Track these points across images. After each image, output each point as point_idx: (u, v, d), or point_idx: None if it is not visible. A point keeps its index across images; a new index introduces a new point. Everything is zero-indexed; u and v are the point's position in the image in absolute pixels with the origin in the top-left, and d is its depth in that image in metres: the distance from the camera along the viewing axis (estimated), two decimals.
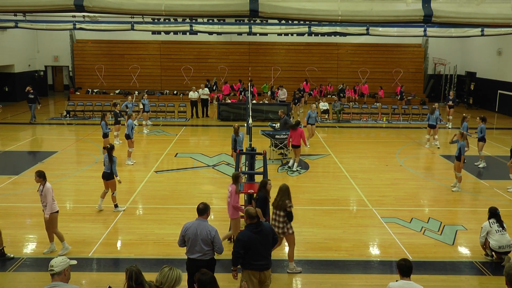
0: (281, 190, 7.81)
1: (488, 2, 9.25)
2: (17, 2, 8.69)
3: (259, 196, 8.16)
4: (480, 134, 14.48)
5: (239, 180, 8.47)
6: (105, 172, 10.62)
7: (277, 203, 7.80)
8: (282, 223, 7.83)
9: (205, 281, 4.87)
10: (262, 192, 8.12)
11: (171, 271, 4.77)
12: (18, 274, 7.89)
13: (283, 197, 7.74)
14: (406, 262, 5.55)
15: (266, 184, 8.13)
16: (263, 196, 8.10)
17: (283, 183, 7.97)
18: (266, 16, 8.54)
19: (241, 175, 8.54)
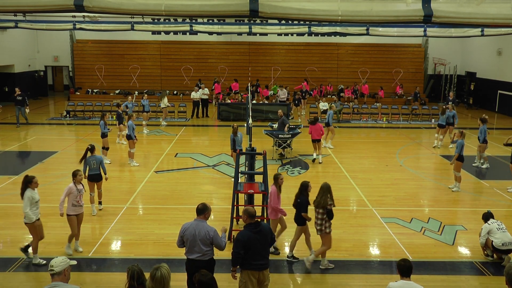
0: (322, 189, 7.92)
1: (488, 2, 9.24)
2: (17, 2, 8.69)
3: (301, 200, 8.19)
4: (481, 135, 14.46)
5: (279, 181, 8.44)
6: (94, 174, 10.55)
7: (318, 202, 7.87)
8: (320, 220, 7.88)
9: (205, 282, 4.87)
10: (304, 195, 8.18)
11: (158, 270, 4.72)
12: (18, 274, 7.89)
13: (324, 196, 7.82)
14: (406, 262, 5.55)
15: (307, 187, 8.22)
16: (305, 200, 8.16)
17: (325, 182, 8.07)
18: (266, 16, 8.54)
19: (281, 176, 8.52)
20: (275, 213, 8.50)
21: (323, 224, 7.89)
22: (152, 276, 4.69)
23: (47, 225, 9.94)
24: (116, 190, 12.16)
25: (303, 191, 8.21)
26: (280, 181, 8.45)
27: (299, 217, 8.23)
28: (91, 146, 10.63)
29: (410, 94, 29.42)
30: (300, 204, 8.16)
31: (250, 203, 9.65)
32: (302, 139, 17.77)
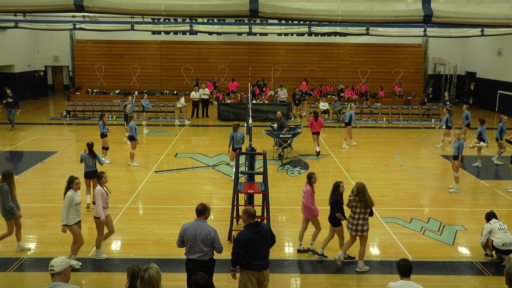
0: (358, 188, 7.90)
1: (488, 2, 9.25)
2: (17, 2, 8.69)
3: (333, 199, 8.23)
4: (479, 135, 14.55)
5: (313, 180, 8.49)
6: (90, 171, 10.70)
7: (365, 202, 7.84)
8: (365, 220, 7.89)
9: (202, 285, 4.86)
10: (336, 195, 8.21)
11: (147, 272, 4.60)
12: (18, 274, 7.89)
13: (365, 195, 7.82)
14: (406, 262, 5.55)
15: (339, 187, 8.25)
16: (337, 200, 8.19)
17: (359, 182, 8.05)
18: (266, 16, 8.54)
19: (315, 175, 8.57)
20: (309, 212, 8.54)
21: (365, 224, 7.93)
22: (141, 278, 4.61)
23: (47, 225, 9.98)
24: (116, 190, 12.15)
25: (335, 191, 8.25)
26: (314, 180, 8.52)
27: (333, 218, 8.28)
28: (90, 143, 10.74)
29: (410, 94, 29.43)
30: (333, 205, 8.21)
31: (250, 203, 9.65)
32: (302, 139, 17.78)
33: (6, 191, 8.32)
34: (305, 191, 8.51)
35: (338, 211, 8.17)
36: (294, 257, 8.66)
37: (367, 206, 7.84)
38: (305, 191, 8.53)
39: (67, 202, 7.81)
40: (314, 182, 8.53)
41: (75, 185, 7.90)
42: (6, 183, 8.38)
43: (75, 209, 7.92)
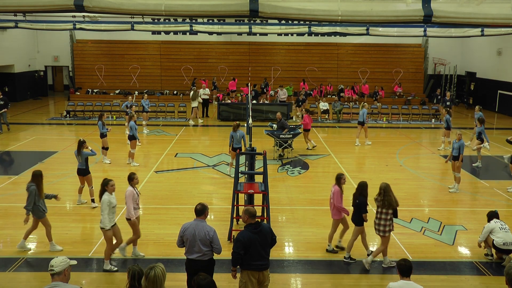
0: (382, 188, 7.97)
1: (488, 2, 9.25)
2: (17, 2, 8.68)
3: (360, 200, 8.26)
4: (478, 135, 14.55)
5: (342, 181, 8.49)
6: (80, 169, 10.85)
7: (387, 202, 7.88)
8: (388, 221, 7.92)
9: (204, 285, 4.86)
10: (363, 196, 8.26)
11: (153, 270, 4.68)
12: (18, 274, 7.89)
13: (389, 195, 7.86)
14: (406, 262, 5.56)
15: (366, 187, 8.30)
16: (364, 201, 8.24)
17: (383, 182, 8.10)
18: (266, 16, 8.54)
19: (343, 176, 8.58)
20: (339, 213, 8.56)
21: (390, 224, 7.94)
22: (146, 275, 4.68)
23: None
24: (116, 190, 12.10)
25: (362, 191, 8.28)
26: (343, 181, 8.54)
27: (357, 218, 8.28)
28: (81, 140, 10.81)
29: (410, 94, 29.43)
30: (359, 205, 8.22)
31: (250, 203, 9.65)
32: (302, 139, 17.78)
33: (33, 191, 8.37)
34: (334, 192, 8.51)
35: (365, 211, 8.22)
36: (294, 257, 8.66)
37: (390, 206, 7.87)
38: (333, 192, 8.53)
39: (105, 206, 7.71)
40: (343, 183, 8.55)
41: (110, 187, 7.81)
42: (34, 184, 8.44)
43: (112, 212, 7.84)
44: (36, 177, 8.48)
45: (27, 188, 8.44)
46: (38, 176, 8.50)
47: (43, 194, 8.57)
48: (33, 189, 8.37)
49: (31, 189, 8.38)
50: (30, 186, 8.42)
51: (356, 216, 8.31)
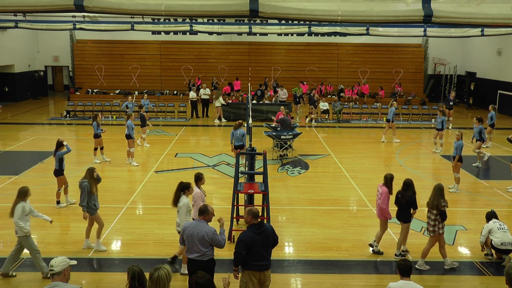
0: (435, 189, 7.99)
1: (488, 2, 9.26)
2: (17, 2, 8.69)
3: (410, 198, 8.34)
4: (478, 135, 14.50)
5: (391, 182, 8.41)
6: (54, 169, 10.80)
7: (431, 202, 7.94)
8: (433, 221, 7.95)
9: (202, 284, 4.86)
10: (411, 192, 8.36)
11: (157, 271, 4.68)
12: (18, 274, 7.88)
13: (437, 196, 7.90)
14: (406, 262, 5.56)
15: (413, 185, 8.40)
16: (413, 198, 8.33)
17: (438, 183, 8.12)
18: (266, 16, 8.55)
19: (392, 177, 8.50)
20: (383, 214, 8.46)
21: (436, 225, 7.95)
22: (150, 276, 4.69)
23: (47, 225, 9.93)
24: (116, 190, 12.17)
25: (410, 188, 8.37)
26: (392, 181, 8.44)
27: (404, 215, 8.37)
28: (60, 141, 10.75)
29: (410, 94, 29.43)
30: (410, 201, 8.32)
31: (250, 203, 9.65)
32: (303, 139, 17.80)
33: (85, 187, 8.40)
34: (381, 193, 8.38)
35: (415, 207, 8.36)
36: (294, 257, 8.66)
37: (434, 207, 7.91)
38: (381, 193, 8.40)
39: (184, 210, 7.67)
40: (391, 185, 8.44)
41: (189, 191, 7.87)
42: (87, 180, 8.47)
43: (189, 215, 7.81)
44: (90, 173, 8.54)
45: (80, 184, 8.49)
46: (92, 172, 8.55)
47: (95, 190, 8.58)
48: (86, 185, 8.41)
49: (84, 185, 8.42)
50: (82, 182, 8.46)
51: (403, 213, 8.37)
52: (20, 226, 7.55)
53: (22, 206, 7.59)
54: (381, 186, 8.51)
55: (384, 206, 8.33)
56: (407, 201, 8.33)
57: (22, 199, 7.64)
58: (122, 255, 8.67)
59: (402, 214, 8.41)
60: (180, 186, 7.90)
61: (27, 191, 7.72)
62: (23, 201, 7.65)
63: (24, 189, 7.71)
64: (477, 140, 14.73)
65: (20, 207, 7.56)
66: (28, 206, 7.72)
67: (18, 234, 7.66)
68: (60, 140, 10.77)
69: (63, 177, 10.87)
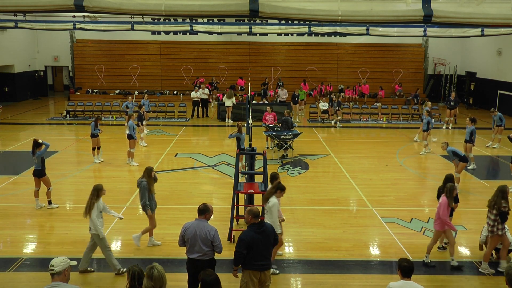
0: (497, 190, 7.99)
1: (488, 2, 9.24)
2: (17, 2, 8.69)
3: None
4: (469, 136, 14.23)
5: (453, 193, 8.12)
6: (36, 170, 10.69)
7: (492, 202, 7.94)
8: (493, 221, 7.93)
9: (209, 282, 4.88)
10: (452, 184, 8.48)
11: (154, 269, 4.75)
12: (18, 274, 7.88)
13: (498, 198, 7.90)
14: (409, 264, 5.52)
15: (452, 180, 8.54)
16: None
17: (503, 184, 8.11)
18: (266, 16, 8.54)
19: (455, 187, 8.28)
20: (442, 225, 8.13)
21: (495, 225, 7.94)
22: (149, 276, 4.70)
23: (47, 225, 9.98)
24: (116, 190, 12.16)
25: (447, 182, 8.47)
26: (455, 192, 8.20)
27: None
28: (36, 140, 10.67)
29: (410, 94, 29.42)
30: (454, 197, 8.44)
31: (250, 203, 9.65)
32: (303, 139, 17.80)
33: (144, 187, 8.45)
34: (441, 203, 8.09)
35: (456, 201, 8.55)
36: (294, 257, 8.66)
37: (493, 207, 7.91)
38: (440, 203, 8.11)
39: (276, 209, 7.69)
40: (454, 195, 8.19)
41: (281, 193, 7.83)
42: (145, 179, 8.51)
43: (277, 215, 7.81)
44: (148, 172, 8.57)
45: (138, 184, 8.54)
46: (149, 171, 8.59)
47: (154, 190, 8.64)
48: (145, 184, 8.46)
49: (143, 184, 8.47)
50: (141, 181, 8.52)
51: None
52: (96, 224, 7.58)
53: (97, 205, 7.62)
54: (442, 196, 8.23)
55: (444, 218, 8.02)
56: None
57: (97, 197, 7.65)
58: (122, 255, 8.66)
59: None
60: (277, 186, 7.86)
61: (101, 189, 7.74)
62: (98, 199, 7.68)
63: (98, 187, 7.75)
64: (465, 141, 14.40)
65: (96, 206, 7.61)
66: (101, 204, 7.76)
67: (91, 231, 7.70)
68: (36, 139, 10.67)
69: (47, 177, 10.80)
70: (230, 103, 22.34)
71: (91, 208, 7.60)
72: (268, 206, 7.64)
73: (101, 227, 7.66)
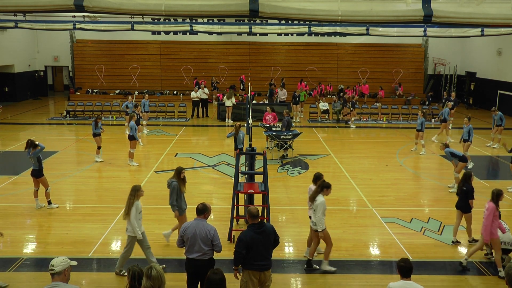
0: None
1: (488, 2, 9.25)
2: (17, 2, 8.69)
3: (467, 188, 8.88)
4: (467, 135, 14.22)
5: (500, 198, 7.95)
6: (34, 170, 10.69)
7: None
8: None
9: (213, 280, 4.88)
10: (468, 184, 8.91)
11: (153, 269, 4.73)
12: (18, 274, 7.88)
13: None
14: (406, 264, 5.52)
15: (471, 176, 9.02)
16: (471, 188, 8.87)
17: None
18: (266, 16, 8.54)
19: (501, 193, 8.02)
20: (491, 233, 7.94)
21: None
22: (148, 275, 4.69)
23: (47, 225, 9.98)
24: (116, 190, 12.16)
25: (468, 179, 8.94)
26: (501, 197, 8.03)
27: (465, 205, 8.93)
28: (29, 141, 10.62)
29: (410, 94, 29.43)
30: (466, 192, 8.87)
31: (250, 203, 9.65)
32: (303, 139, 17.80)
33: (175, 187, 8.43)
34: (487, 209, 7.94)
35: (472, 197, 8.83)
36: (294, 257, 8.66)
37: None
38: (487, 208, 7.96)
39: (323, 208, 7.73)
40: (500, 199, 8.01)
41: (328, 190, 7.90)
42: (175, 180, 8.49)
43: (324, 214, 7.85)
44: (178, 173, 8.55)
45: (169, 184, 8.51)
46: (180, 172, 8.57)
47: (184, 190, 8.60)
48: (175, 185, 8.43)
49: (173, 184, 8.44)
50: (171, 182, 8.49)
51: (463, 202, 8.93)
52: (134, 226, 7.55)
53: (136, 205, 7.59)
54: (488, 202, 8.12)
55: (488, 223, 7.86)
56: (464, 191, 8.88)
57: (135, 197, 7.63)
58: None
59: (460, 203, 9.03)
60: (321, 184, 7.90)
61: (138, 189, 7.70)
62: (137, 200, 7.64)
63: (136, 187, 7.73)
64: (464, 140, 14.44)
65: (134, 207, 7.57)
66: (140, 205, 7.72)
67: (128, 232, 7.67)
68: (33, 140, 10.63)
69: (44, 177, 10.79)
70: (230, 103, 22.33)
71: (130, 209, 7.56)
72: (315, 204, 7.76)
73: (138, 228, 7.62)
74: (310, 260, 8.10)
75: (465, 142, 14.37)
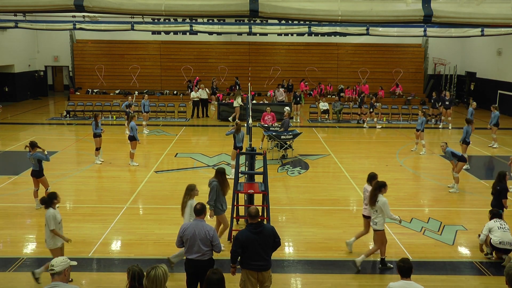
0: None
1: (488, 2, 9.24)
2: (17, 2, 8.69)
3: (500, 187, 8.95)
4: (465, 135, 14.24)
5: None
6: (34, 170, 10.70)
7: None
8: None
9: (212, 280, 4.88)
10: (503, 183, 8.97)
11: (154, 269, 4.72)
12: (18, 274, 7.88)
13: None
14: (406, 264, 5.53)
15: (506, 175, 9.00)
16: (505, 187, 8.90)
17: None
18: (266, 16, 8.54)
19: None
20: None
21: None
22: (147, 274, 4.71)
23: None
24: (116, 190, 12.17)
25: (502, 179, 8.99)
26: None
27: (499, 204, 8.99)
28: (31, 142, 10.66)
29: (410, 94, 29.43)
30: (500, 191, 8.96)
31: (250, 203, 9.65)
32: (303, 139, 17.80)
33: (215, 187, 8.45)
34: None
35: (505, 197, 8.91)
36: (294, 257, 8.67)
37: None
38: None
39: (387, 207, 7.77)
40: None
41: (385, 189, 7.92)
42: (216, 180, 8.52)
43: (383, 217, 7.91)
44: (219, 173, 8.57)
45: (210, 183, 8.54)
46: (222, 173, 8.58)
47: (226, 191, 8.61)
48: (215, 185, 8.45)
49: (213, 184, 8.46)
50: (212, 181, 8.51)
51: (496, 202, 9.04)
52: None
53: (190, 204, 7.59)
54: None
55: None
56: (498, 190, 8.99)
57: (190, 196, 7.65)
58: (122, 255, 8.67)
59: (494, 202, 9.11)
60: (377, 184, 7.93)
61: (193, 189, 7.72)
62: (191, 199, 7.66)
63: (190, 187, 7.76)
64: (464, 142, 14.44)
65: (189, 206, 7.58)
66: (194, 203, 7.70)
67: None
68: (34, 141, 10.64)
69: (45, 178, 10.81)
70: (237, 104, 21.59)
71: (184, 208, 7.60)
72: (378, 205, 7.80)
73: None
74: (383, 259, 8.17)
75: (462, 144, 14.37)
